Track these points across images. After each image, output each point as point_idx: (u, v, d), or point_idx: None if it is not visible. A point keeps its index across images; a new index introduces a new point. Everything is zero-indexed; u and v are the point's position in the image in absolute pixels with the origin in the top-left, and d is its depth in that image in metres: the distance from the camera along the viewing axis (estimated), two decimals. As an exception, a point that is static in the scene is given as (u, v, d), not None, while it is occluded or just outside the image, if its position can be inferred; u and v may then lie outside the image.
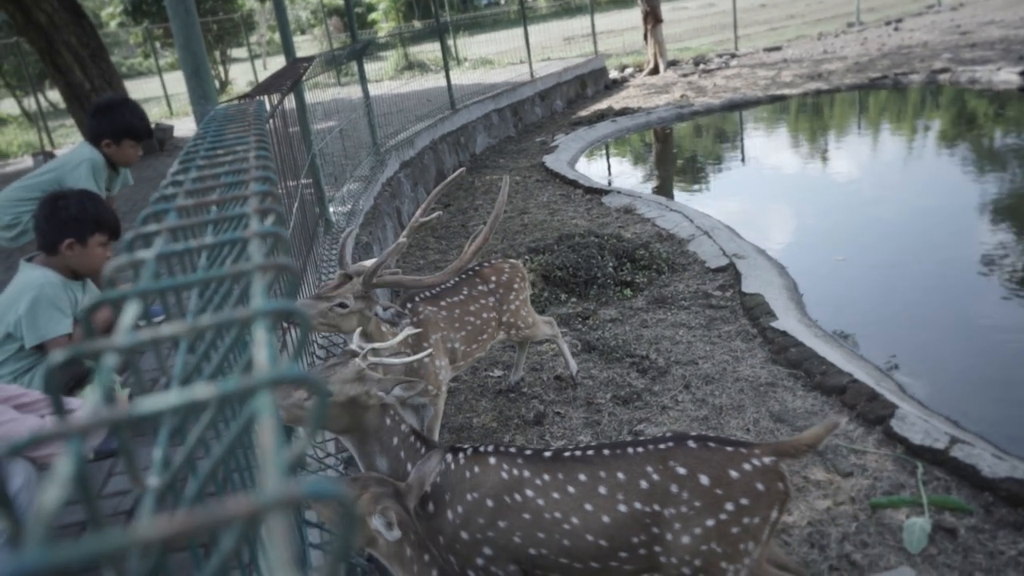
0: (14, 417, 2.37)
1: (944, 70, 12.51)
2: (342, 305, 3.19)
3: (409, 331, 2.91)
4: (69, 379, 3.30)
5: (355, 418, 2.51)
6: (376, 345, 2.66)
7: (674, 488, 2.22)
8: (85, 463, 0.50)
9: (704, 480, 2.21)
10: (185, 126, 14.17)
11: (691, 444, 2.30)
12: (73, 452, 0.48)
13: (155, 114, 18.09)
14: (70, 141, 16.47)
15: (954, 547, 2.96)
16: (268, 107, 3.51)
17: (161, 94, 20.59)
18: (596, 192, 8.57)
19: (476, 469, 2.42)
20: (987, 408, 4.08)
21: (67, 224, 3.34)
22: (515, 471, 2.39)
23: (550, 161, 10.28)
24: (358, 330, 2.82)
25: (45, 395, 2.62)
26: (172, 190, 1.13)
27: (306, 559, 2.08)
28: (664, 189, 9.58)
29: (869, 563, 2.93)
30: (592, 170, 10.61)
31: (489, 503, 2.36)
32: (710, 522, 2.19)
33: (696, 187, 9.54)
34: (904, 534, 3.03)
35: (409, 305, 3.68)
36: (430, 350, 3.27)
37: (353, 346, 2.60)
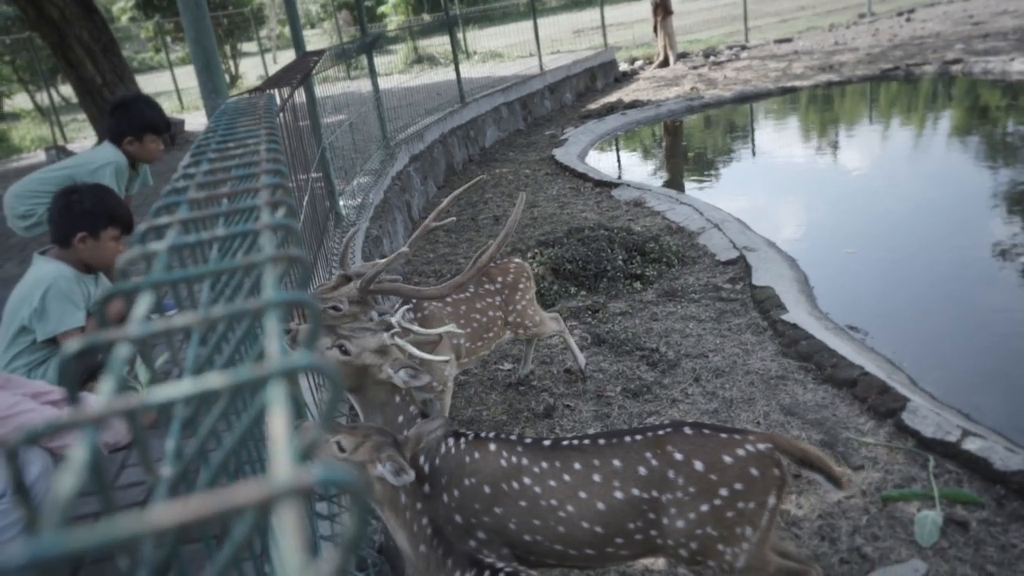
0: (32, 407, 2.39)
1: (957, 61, 12.40)
2: (336, 308, 3.20)
3: (451, 328, 2.92)
4: (83, 371, 3.33)
5: (363, 384, 2.61)
6: (415, 328, 2.70)
7: (671, 474, 2.24)
8: (99, 452, 0.51)
9: (699, 466, 2.22)
10: (196, 120, 14.22)
11: (687, 431, 2.31)
12: (87, 441, 0.49)
13: (166, 108, 18.12)
14: (82, 135, 16.57)
15: (966, 540, 2.95)
16: (278, 101, 3.52)
17: (172, 88, 20.67)
18: (606, 185, 8.56)
19: (476, 455, 2.44)
20: (999, 401, 4.06)
21: (80, 217, 3.36)
22: (514, 459, 2.41)
23: (560, 154, 10.27)
24: (402, 308, 2.85)
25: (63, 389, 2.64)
26: (183, 183, 1.14)
27: (317, 550, 2.09)
28: (674, 182, 9.55)
29: (880, 556, 2.92)
30: (602, 163, 10.60)
31: (486, 489, 2.39)
32: (705, 507, 2.21)
33: (706, 180, 9.51)
34: (915, 527, 3.02)
35: (414, 300, 3.68)
36: (447, 356, 3.26)
37: (392, 320, 2.64)
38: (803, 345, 4.46)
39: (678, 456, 2.25)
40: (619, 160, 11.24)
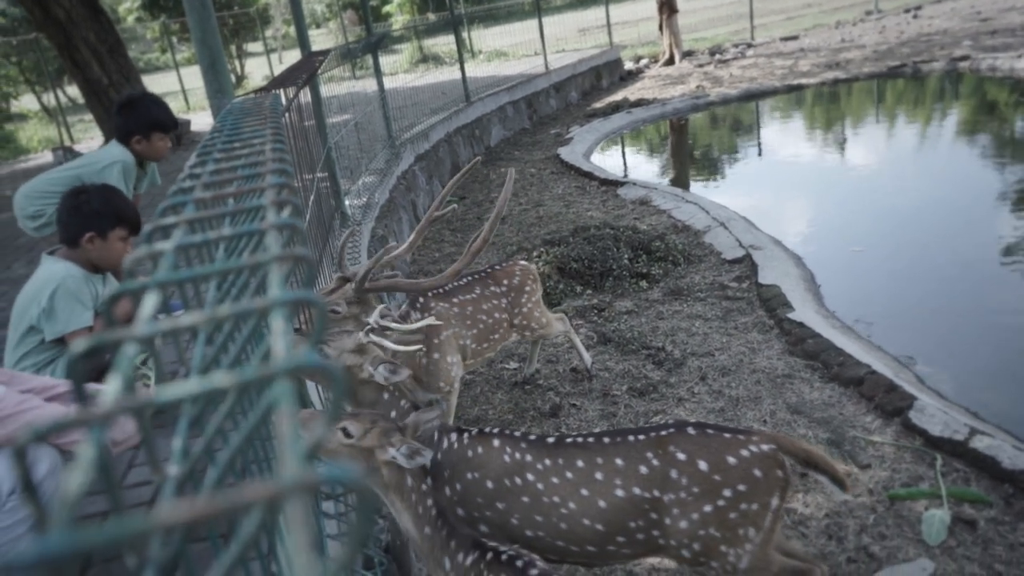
0: (38, 405, 2.40)
1: (964, 58, 12.35)
2: (334, 311, 3.20)
3: (429, 320, 2.93)
4: (90, 370, 3.34)
5: (350, 388, 2.67)
6: (393, 325, 2.71)
7: (673, 474, 2.24)
8: (108, 450, 0.51)
9: (702, 466, 2.22)
10: (202, 120, 14.26)
11: (690, 431, 2.31)
12: (95, 439, 0.49)
13: (172, 108, 18.20)
14: (89, 136, 16.62)
15: (973, 539, 2.94)
16: (284, 101, 3.53)
17: (178, 88, 20.71)
18: (611, 184, 8.55)
19: (479, 450, 2.46)
20: (1008, 399, 4.05)
21: (88, 218, 3.38)
22: (517, 455, 2.42)
23: (565, 153, 10.26)
24: (379, 307, 2.86)
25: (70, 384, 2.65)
26: (190, 183, 1.14)
27: (323, 549, 2.10)
28: (680, 180, 9.53)
29: (887, 555, 2.91)
30: (607, 162, 10.59)
31: (489, 484, 2.40)
32: (708, 507, 2.21)
33: (712, 178, 9.50)
34: (923, 526, 3.01)
35: (421, 301, 3.69)
36: (420, 345, 3.25)
37: (370, 320, 2.67)
38: (810, 343, 4.45)
39: (681, 456, 2.25)
40: (625, 159, 11.23)
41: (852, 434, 3.64)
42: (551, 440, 2.45)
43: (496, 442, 2.46)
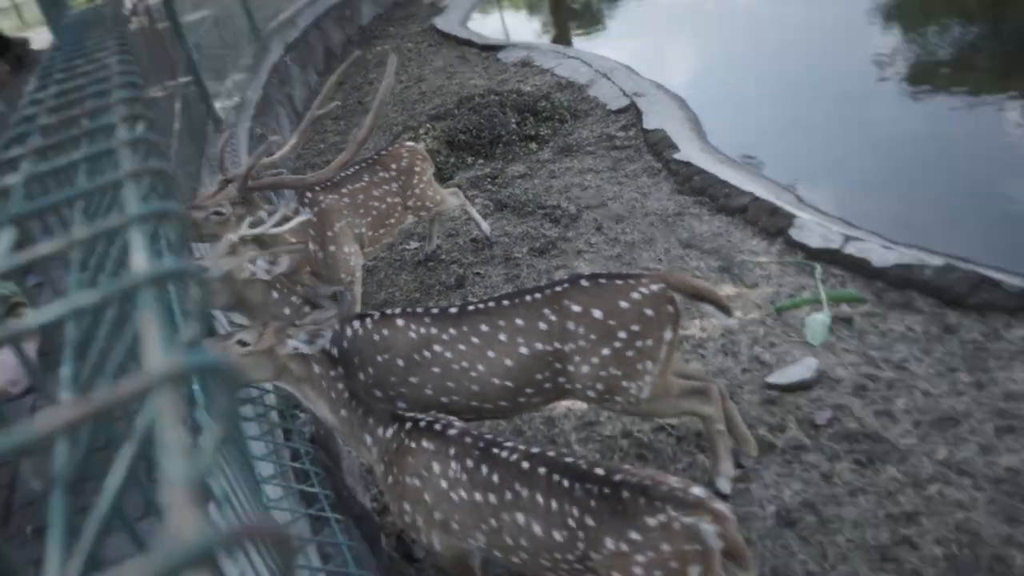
0: None
1: None
2: (218, 213, 3.13)
3: (302, 217, 2.91)
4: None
5: (236, 292, 2.61)
6: (258, 230, 2.69)
7: (570, 325, 2.39)
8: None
9: (597, 314, 2.37)
10: (43, 37, 13.09)
11: (583, 283, 2.45)
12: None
13: (5, 27, 16.60)
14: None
15: (851, 333, 3.25)
16: (129, 5, 3.31)
17: (8, 3, 18.83)
18: (492, 49, 8.39)
19: (385, 332, 2.55)
20: (881, 205, 4.35)
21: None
22: (423, 330, 2.52)
23: (441, 22, 9.95)
24: (248, 219, 2.81)
25: None
26: (32, 109, 1.11)
27: (246, 451, 2.18)
28: (562, 37, 9.41)
29: (777, 360, 3.20)
30: (487, 26, 10.32)
31: (400, 363, 2.51)
32: (606, 351, 2.38)
33: (594, 30, 9.41)
34: (806, 330, 3.30)
35: (309, 195, 3.64)
36: (293, 220, 3.16)
37: (240, 231, 2.65)
38: (696, 180, 4.63)
39: (576, 308, 2.39)
40: (503, 21, 10.95)
41: (740, 258, 3.88)
42: (453, 311, 2.55)
43: (400, 322, 2.55)
